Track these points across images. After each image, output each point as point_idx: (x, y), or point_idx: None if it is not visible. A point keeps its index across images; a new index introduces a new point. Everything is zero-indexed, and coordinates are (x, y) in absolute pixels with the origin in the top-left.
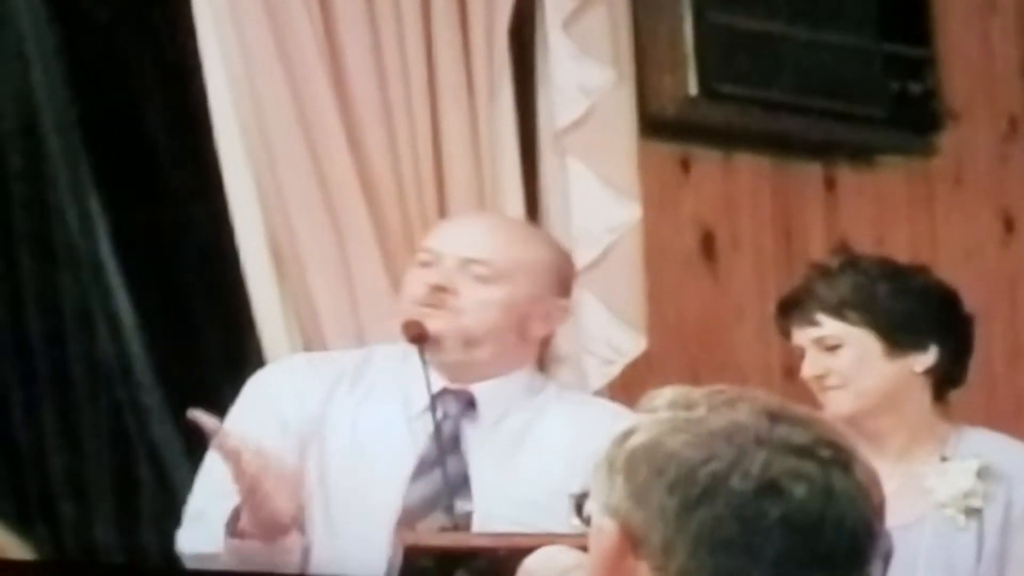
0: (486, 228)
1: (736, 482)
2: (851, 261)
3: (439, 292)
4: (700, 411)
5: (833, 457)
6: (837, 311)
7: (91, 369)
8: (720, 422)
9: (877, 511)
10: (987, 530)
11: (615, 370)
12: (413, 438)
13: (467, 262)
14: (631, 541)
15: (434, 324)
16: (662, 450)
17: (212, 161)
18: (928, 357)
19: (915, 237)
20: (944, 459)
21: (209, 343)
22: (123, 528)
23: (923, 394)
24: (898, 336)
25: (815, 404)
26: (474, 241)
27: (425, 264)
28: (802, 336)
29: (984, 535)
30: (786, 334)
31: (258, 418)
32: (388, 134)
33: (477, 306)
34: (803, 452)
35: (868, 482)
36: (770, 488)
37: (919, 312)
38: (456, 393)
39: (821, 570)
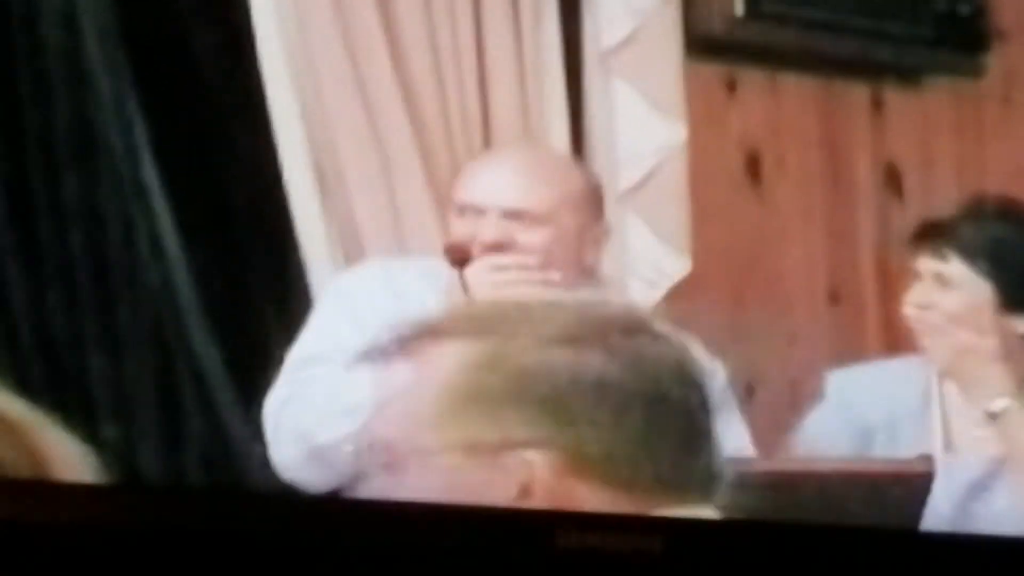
0: (518, 172)
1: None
2: (1006, 210)
3: (496, 248)
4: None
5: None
6: (968, 254)
7: (134, 291)
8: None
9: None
10: None
11: (659, 292)
12: None
13: (511, 213)
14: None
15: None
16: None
17: (256, 82)
18: None
19: (963, 158)
20: None
21: (252, 264)
22: (166, 451)
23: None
24: (1018, 296)
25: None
26: (512, 190)
27: (465, 216)
28: (924, 264)
29: None
30: (912, 255)
31: (354, 324)
32: (433, 56)
33: (537, 250)
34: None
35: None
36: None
37: None
38: None
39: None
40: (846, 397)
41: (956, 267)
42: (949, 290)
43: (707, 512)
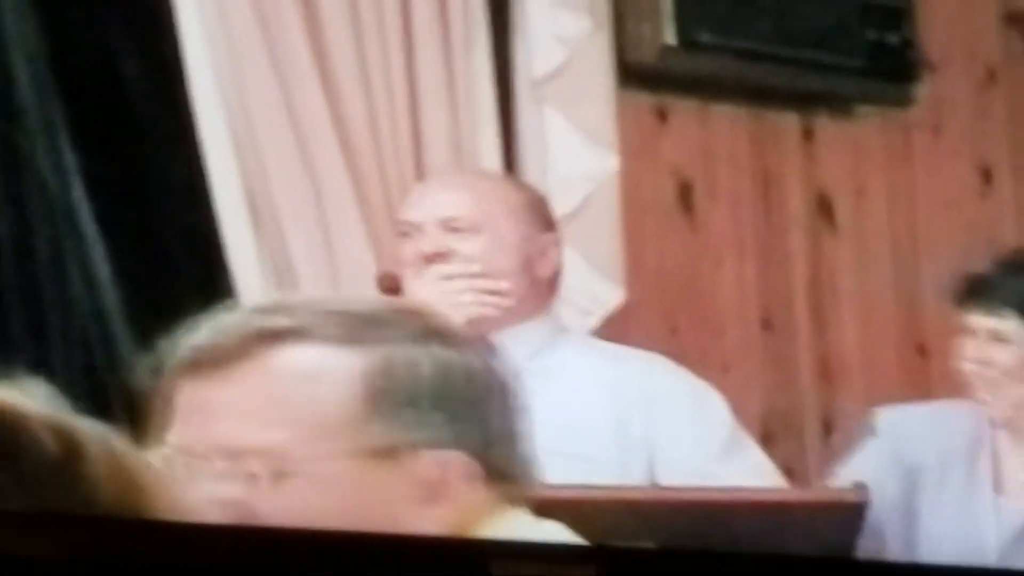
0: (453, 186)
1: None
2: None
3: (435, 259)
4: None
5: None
6: (1022, 310)
7: (65, 317)
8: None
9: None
10: None
11: (593, 321)
12: None
13: (446, 222)
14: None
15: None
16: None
17: (187, 110)
18: None
19: (893, 188)
20: None
21: (183, 291)
22: None
23: None
24: None
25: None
26: (446, 201)
27: (406, 235)
28: (976, 321)
29: None
30: (957, 306)
31: None
32: (364, 84)
33: (476, 257)
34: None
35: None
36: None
37: None
38: None
39: None
40: (897, 435)
41: (1011, 323)
42: (1006, 346)
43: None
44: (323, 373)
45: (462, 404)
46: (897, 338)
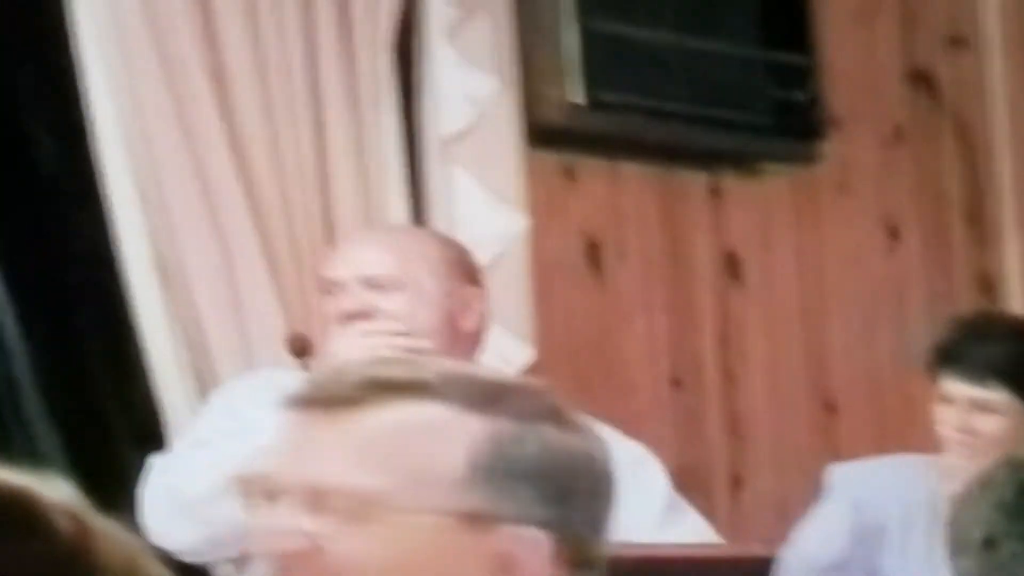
0: (375, 243)
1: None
2: (1018, 326)
3: (357, 317)
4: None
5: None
6: (1005, 378)
7: None
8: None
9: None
10: None
11: None
12: None
13: (367, 280)
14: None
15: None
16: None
17: (95, 171)
18: None
19: (800, 245)
20: None
21: (91, 354)
22: None
23: None
24: None
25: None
26: (368, 259)
27: (329, 293)
28: (955, 388)
29: None
30: (930, 372)
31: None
32: (272, 145)
33: (400, 315)
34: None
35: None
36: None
37: None
38: None
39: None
40: (855, 492)
41: (995, 392)
42: (989, 414)
43: None
44: (433, 430)
45: (558, 487)
46: (805, 395)
